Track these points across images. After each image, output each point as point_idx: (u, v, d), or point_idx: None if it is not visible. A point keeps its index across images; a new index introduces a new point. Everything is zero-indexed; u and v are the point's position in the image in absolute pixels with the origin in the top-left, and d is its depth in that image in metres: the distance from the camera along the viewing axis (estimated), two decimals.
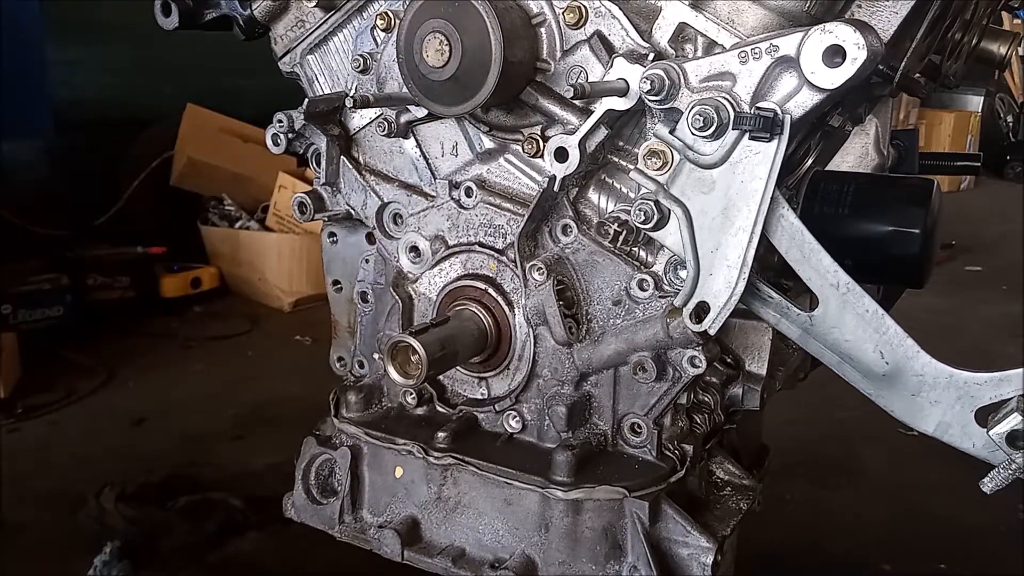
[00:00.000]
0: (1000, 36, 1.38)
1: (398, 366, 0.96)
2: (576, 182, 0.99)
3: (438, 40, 0.92)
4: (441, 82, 0.94)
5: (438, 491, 1.06)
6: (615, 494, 0.97)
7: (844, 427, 2.91)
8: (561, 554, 0.99)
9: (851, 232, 1.07)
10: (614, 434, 1.02)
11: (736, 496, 1.11)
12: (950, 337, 3.63)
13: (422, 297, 1.11)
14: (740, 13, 0.87)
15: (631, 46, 0.94)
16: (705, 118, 0.82)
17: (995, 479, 0.77)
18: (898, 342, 0.83)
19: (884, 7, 0.93)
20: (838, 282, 0.84)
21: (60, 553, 2.19)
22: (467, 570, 1.02)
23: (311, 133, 1.15)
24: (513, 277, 1.04)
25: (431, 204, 1.09)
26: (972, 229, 5.55)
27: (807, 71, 0.78)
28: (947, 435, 0.82)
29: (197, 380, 3.35)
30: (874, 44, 0.77)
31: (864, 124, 1.28)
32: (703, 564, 0.97)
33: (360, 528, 1.11)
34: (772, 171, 0.81)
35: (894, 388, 0.84)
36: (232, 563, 2.20)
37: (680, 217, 0.86)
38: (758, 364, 1.10)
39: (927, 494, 2.58)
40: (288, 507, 1.16)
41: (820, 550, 2.34)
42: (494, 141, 1.05)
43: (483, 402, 1.09)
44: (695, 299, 0.87)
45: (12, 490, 2.39)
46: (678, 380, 0.97)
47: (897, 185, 1.22)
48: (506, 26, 0.91)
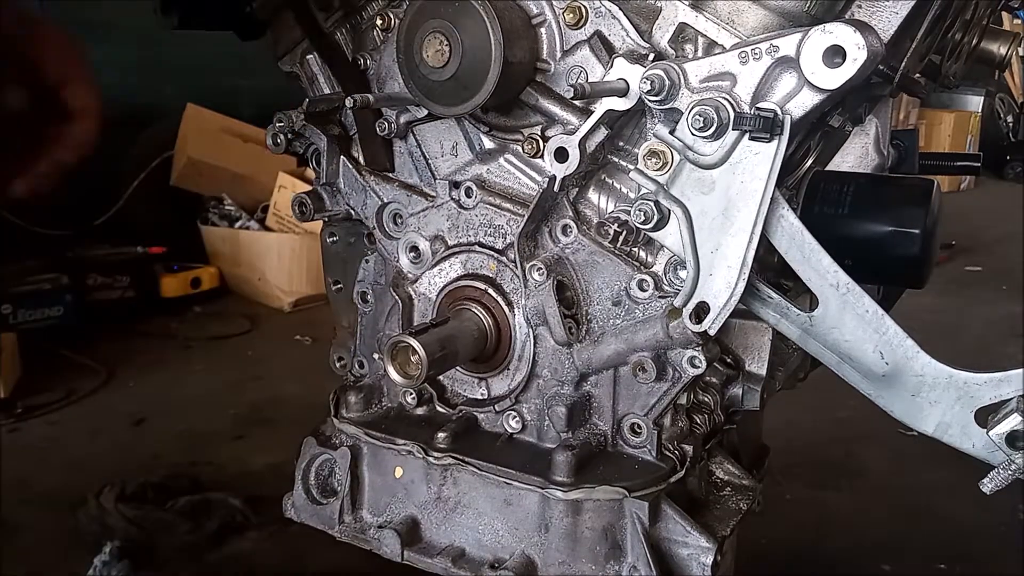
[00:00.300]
0: (1000, 36, 1.38)
1: (398, 366, 0.96)
2: (576, 182, 0.99)
3: (438, 40, 0.92)
4: (441, 82, 0.94)
5: (438, 491, 1.06)
6: (615, 494, 0.97)
7: (844, 427, 2.91)
8: (561, 554, 0.99)
9: (851, 232, 1.07)
10: (614, 434, 1.02)
11: (736, 496, 1.11)
12: (950, 337, 3.63)
13: (422, 297, 1.11)
14: (740, 13, 0.87)
15: (631, 46, 0.94)
16: (705, 118, 0.82)
17: (995, 479, 0.77)
18: (898, 342, 0.83)
19: (884, 7, 0.93)
20: (838, 282, 0.84)
21: (60, 553, 2.19)
22: (467, 570, 1.02)
23: (311, 133, 1.15)
24: (513, 277, 1.03)
25: (431, 204, 1.09)
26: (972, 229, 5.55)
27: (807, 71, 0.78)
28: (947, 435, 0.82)
29: (197, 380, 3.35)
30: (874, 44, 0.77)
31: (864, 124, 1.27)
32: (703, 564, 0.97)
33: (360, 528, 1.11)
34: (772, 171, 0.81)
35: (894, 388, 0.84)
36: (232, 563, 2.20)
37: (680, 217, 0.85)
38: (758, 364, 1.10)
39: (927, 494, 2.58)
40: (288, 507, 1.16)
41: (820, 550, 2.34)
42: (494, 141, 1.05)
43: (483, 402, 1.09)
44: (695, 299, 0.87)
45: (12, 490, 2.39)
46: (678, 380, 0.97)
47: (897, 185, 1.22)
48: (506, 26, 0.91)
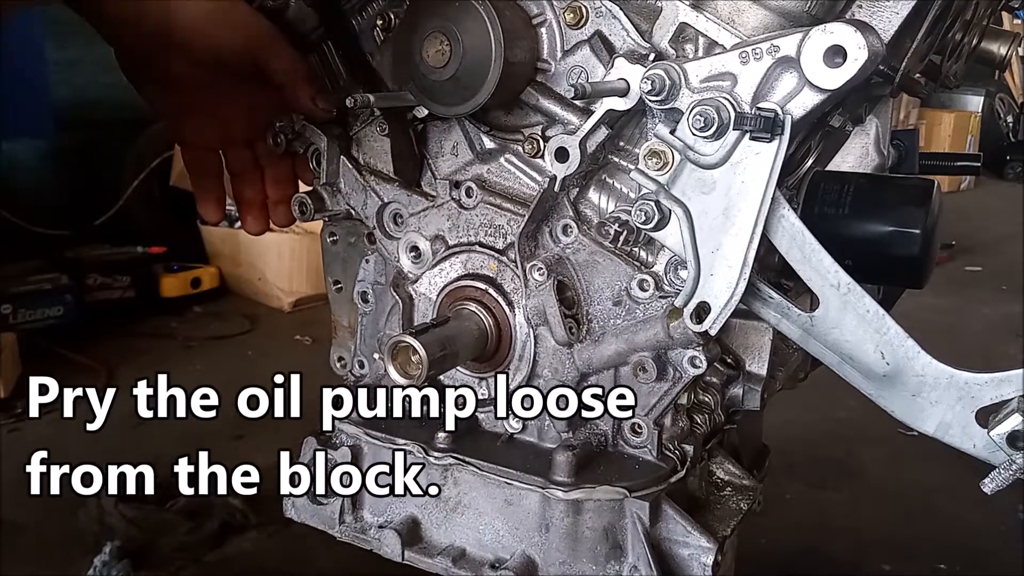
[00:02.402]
0: (1000, 36, 1.38)
1: (399, 366, 0.96)
2: (576, 182, 0.99)
3: (439, 40, 0.92)
4: (442, 82, 0.94)
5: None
6: (616, 494, 0.97)
7: (844, 427, 2.91)
8: (561, 554, 0.99)
9: (851, 232, 1.07)
10: (614, 434, 1.02)
11: (737, 496, 1.11)
12: (950, 337, 3.63)
13: (422, 297, 1.10)
14: (741, 13, 0.87)
15: (631, 46, 0.94)
16: (706, 118, 0.81)
17: (996, 480, 0.77)
18: (899, 343, 0.82)
19: (885, 7, 0.92)
20: (839, 282, 0.83)
21: (60, 553, 2.19)
22: (467, 570, 1.02)
23: (311, 133, 1.14)
24: (513, 277, 1.03)
25: (431, 204, 1.09)
26: (972, 229, 5.55)
27: (808, 72, 0.78)
28: (948, 435, 0.82)
29: (197, 380, 3.35)
30: (875, 44, 0.77)
31: (864, 124, 1.27)
32: (703, 564, 0.96)
33: (361, 528, 1.11)
34: (773, 171, 0.80)
35: (895, 388, 0.84)
36: (232, 563, 2.21)
37: (681, 217, 0.85)
38: (758, 364, 1.10)
39: (927, 494, 2.59)
40: (289, 507, 1.16)
41: (820, 550, 2.34)
42: (494, 141, 1.05)
43: (483, 402, 1.09)
44: (696, 299, 0.87)
45: (12, 490, 2.39)
46: (679, 380, 0.97)
47: (897, 185, 1.22)
48: (507, 26, 0.91)
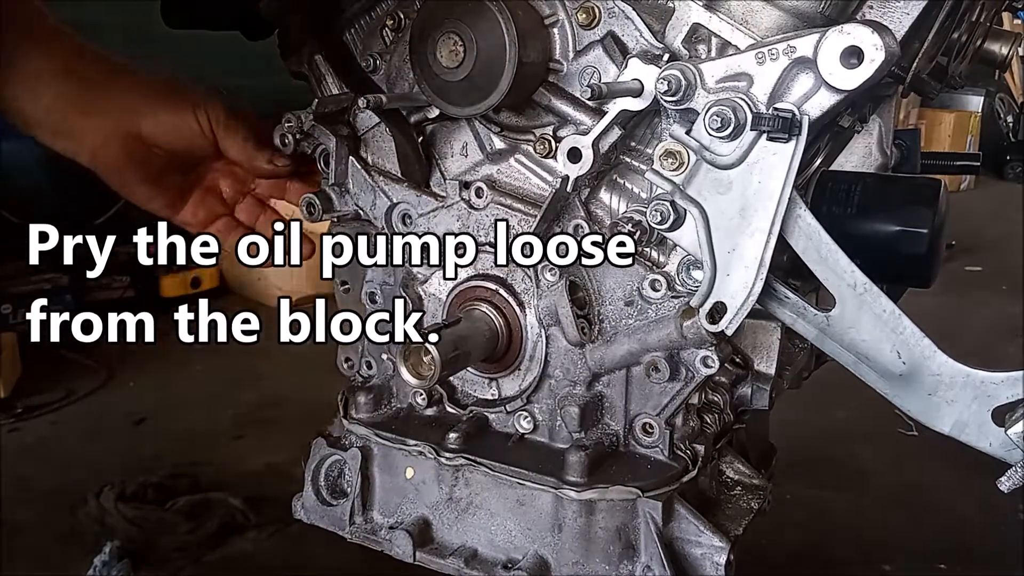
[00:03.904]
0: (1001, 36, 1.38)
1: (411, 367, 0.96)
2: (588, 183, 0.98)
3: (452, 40, 0.92)
4: (455, 83, 0.94)
5: (449, 492, 1.06)
6: (628, 494, 0.97)
7: (844, 427, 2.92)
8: (574, 554, 0.99)
9: (859, 232, 1.08)
10: (626, 434, 1.02)
11: (747, 496, 1.11)
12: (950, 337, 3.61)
13: (432, 298, 1.10)
14: (754, 14, 0.87)
15: (644, 47, 0.94)
16: (722, 119, 0.81)
17: (1012, 478, 0.77)
18: (915, 342, 0.83)
19: (895, 8, 0.92)
20: (855, 282, 0.84)
21: (60, 553, 2.18)
22: (480, 571, 1.02)
23: (319, 133, 1.14)
24: (524, 278, 1.03)
25: (441, 204, 1.08)
26: (972, 229, 5.55)
27: (825, 72, 0.78)
28: (964, 434, 0.82)
29: (197, 380, 3.35)
30: (891, 45, 0.77)
31: (868, 124, 1.28)
32: (716, 564, 0.97)
33: (371, 529, 1.11)
34: (790, 172, 0.81)
35: (911, 388, 0.84)
36: (232, 563, 2.20)
37: (697, 218, 0.85)
38: (767, 364, 1.10)
39: (927, 494, 2.59)
40: (298, 508, 1.16)
41: (820, 550, 2.35)
42: (505, 141, 1.05)
43: (494, 403, 1.09)
44: (712, 300, 0.87)
45: (12, 490, 2.38)
46: (691, 380, 0.97)
47: (904, 185, 1.22)
48: (520, 27, 0.91)
